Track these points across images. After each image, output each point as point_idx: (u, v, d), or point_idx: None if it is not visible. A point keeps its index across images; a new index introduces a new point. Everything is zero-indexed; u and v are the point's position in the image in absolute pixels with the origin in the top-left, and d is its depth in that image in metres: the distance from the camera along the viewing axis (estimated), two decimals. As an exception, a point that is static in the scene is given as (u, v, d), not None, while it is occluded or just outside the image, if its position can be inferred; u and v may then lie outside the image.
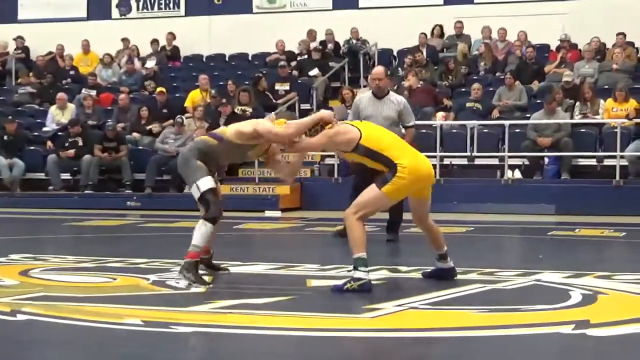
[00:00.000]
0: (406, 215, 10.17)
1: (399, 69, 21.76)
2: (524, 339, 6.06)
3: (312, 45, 22.66)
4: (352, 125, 8.22)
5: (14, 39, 25.35)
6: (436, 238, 8.40)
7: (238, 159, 9.45)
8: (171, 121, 19.49)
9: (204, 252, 8.56)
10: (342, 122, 8.55)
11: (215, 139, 8.39)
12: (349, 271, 8.06)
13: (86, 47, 24.64)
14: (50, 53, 24.64)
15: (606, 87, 19.10)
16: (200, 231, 8.20)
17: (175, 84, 23.03)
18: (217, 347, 5.88)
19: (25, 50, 25.33)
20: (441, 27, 22.70)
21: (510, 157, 17.50)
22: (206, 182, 8.23)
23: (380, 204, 8.03)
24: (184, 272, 8.12)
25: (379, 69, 12.21)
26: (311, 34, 23.08)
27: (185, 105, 20.76)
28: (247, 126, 8.36)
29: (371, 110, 11.67)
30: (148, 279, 8.51)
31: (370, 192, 7.90)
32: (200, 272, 8.30)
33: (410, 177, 7.83)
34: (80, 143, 19.35)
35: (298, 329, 6.34)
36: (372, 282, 7.75)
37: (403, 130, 11.71)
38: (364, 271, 7.75)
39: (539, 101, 18.79)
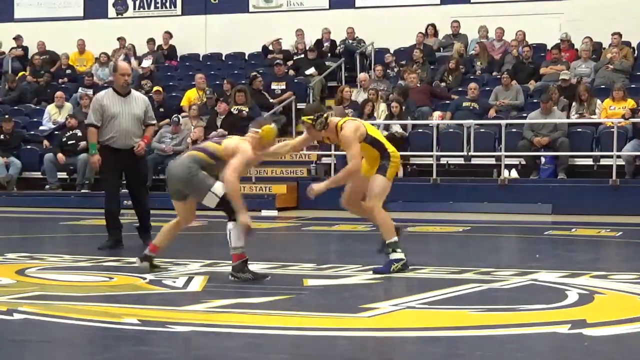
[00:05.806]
0: (402, 215, 10.13)
1: (395, 68, 21.75)
2: (521, 339, 6.07)
3: (301, 46, 22.64)
4: (353, 119, 9.26)
5: (14, 38, 25.35)
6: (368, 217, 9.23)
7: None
8: (168, 120, 19.47)
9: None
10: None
11: (212, 158, 8.44)
12: (387, 253, 8.72)
13: (82, 47, 24.65)
14: (43, 52, 24.61)
15: (602, 87, 19.09)
16: (235, 233, 8.27)
17: (171, 83, 23.01)
18: (213, 347, 5.87)
19: (25, 49, 25.34)
20: (434, 26, 22.66)
21: (506, 156, 17.48)
22: (220, 187, 8.31)
23: (388, 189, 8.88)
24: (236, 274, 8.30)
25: (127, 65, 11.89)
26: (301, 36, 23.02)
27: (182, 104, 20.75)
28: (238, 164, 8.30)
29: (118, 107, 11.07)
30: (145, 278, 8.52)
31: (378, 181, 8.77)
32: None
33: (398, 160, 9.00)
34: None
35: (295, 329, 6.34)
36: (368, 281, 7.75)
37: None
38: (400, 251, 8.70)
39: (535, 101, 18.78)
